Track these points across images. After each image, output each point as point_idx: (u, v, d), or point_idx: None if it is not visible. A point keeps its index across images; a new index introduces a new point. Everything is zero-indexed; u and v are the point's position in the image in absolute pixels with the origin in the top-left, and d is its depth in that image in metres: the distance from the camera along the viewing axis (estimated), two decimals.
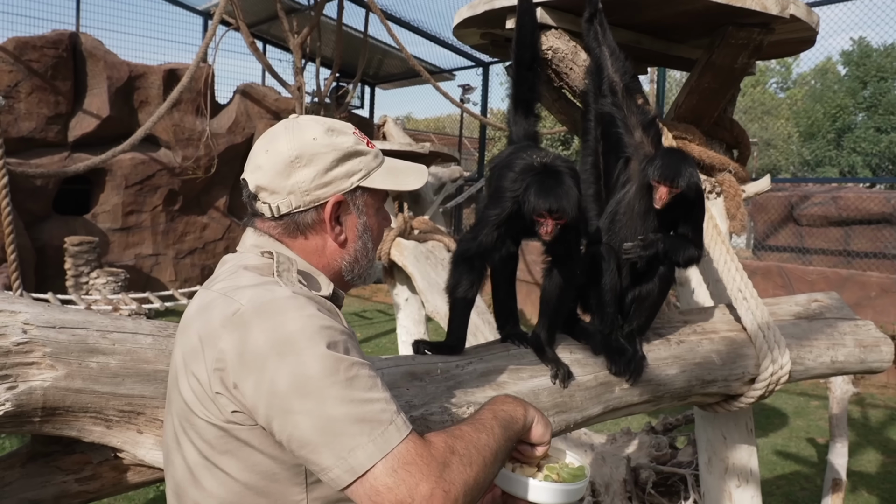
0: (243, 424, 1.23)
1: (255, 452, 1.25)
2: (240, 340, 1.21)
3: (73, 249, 12.49)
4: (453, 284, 2.07)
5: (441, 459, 1.19)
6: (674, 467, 4.65)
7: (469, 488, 1.20)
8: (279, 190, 1.42)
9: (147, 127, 9.83)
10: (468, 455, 1.23)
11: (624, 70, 2.26)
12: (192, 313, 1.34)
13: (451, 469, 1.19)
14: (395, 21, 15.15)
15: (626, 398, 2.19)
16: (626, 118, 2.23)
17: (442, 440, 1.23)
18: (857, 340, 2.63)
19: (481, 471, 1.24)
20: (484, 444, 1.28)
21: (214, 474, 1.27)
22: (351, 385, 1.18)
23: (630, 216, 2.20)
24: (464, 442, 1.25)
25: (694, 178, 2.06)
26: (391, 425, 1.18)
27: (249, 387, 1.19)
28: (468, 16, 2.59)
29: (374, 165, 1.50)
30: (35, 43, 12.56)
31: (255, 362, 1.19)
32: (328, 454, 1.15)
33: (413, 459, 1.16)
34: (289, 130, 1.45)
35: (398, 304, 5.43)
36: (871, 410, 8.15)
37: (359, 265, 1.52)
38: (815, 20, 2.57)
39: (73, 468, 1.74)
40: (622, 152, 2.24)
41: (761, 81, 34.89)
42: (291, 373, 1.17)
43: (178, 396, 1.31)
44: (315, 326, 1.22)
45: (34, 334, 1.54)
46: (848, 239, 11.97)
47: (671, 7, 2.38)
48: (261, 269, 1.37)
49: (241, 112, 15.29)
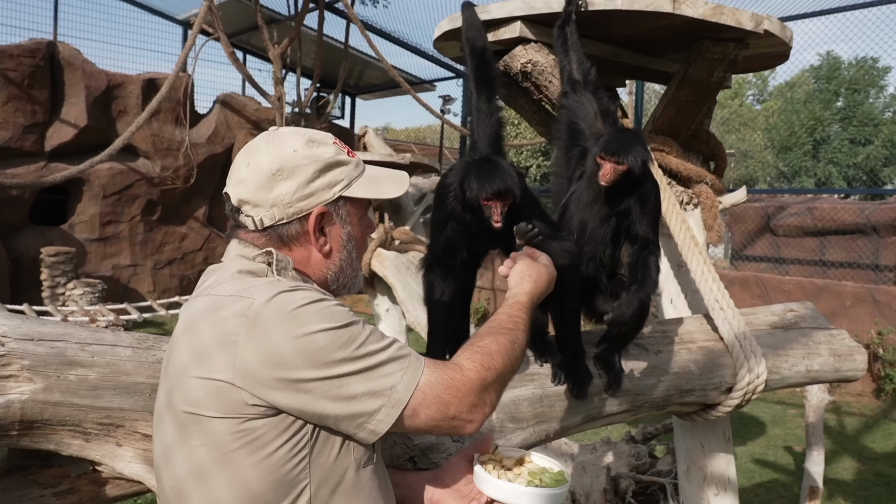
0: (258, 417, 1.27)
1: (264, 446, 1.28)
2: (257, 335, 1.25)
3: (50, 260, 12.33)
4: (425, 295, 2.07)
5: (475, 377, 1.41)
6: (653, 476, 4.68)
7: (499, 391, 1.48)
8: (262, 203, 1.43)
9: (126, 137, 9.78)
10: (494, 367, 1.45)
11: (587, 71, 2.23)
12: (198, 316, 1.35)
13: (486, 382, 1.42)
14: (376, 32, 15.19)
15: (606, 408, 2.21)
16: (585, 110, 2.17)
17: (471, 361, 1.44)
18: (832, 350, 2.67)
19: (507, 372, 1.49)
20: (507, 347, 1.49)
21: (223, 473, 1.29)
22: (367, 342, 1.32)
23: (578, 206, 2.08)
24: (489, 357, 1.46)
25: (643, 156, 1.90)
26: (411, 356, 1.38)
27: (274, 376, 1.25)
28: (448, 28, 2.61)
29: (355, 175, 1.52)
30: (11, 51, 12.44)
31: (276, 353, 1.25)
32: (373, 398, 1.30)
33: (445, 379, 1.38)
34: (269, 143, 1.46)
35: (379, 315, 5.42)
36: (846, 418, 8.25)
37: (344, 275, 1.54)
38: (789, 35, 2.62)
39: (51, 482, 1.71)
40: (581, 143, 2.14)
41: (740, 94, 35.34)
42: (316, 352, 1.26)
43: (180, 401, 1.31)
44: (320, 307, 1.30)
45: (12, 347, 1.52)
46: (823, 249, 12.12)
47: (648, 22, 2.41)
48: (258, 272, 1.40)
49: (221, 122, 15.22)
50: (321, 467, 1.34)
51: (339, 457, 1.36)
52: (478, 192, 1.81)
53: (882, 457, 6.93)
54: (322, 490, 1.33)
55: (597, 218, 2.03)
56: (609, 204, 2.00)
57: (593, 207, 2.03)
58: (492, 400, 1.44)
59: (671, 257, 2.83)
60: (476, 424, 1.41)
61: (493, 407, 1.45)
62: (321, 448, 1.34)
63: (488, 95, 2.14)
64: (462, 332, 2.16)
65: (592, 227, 2.04)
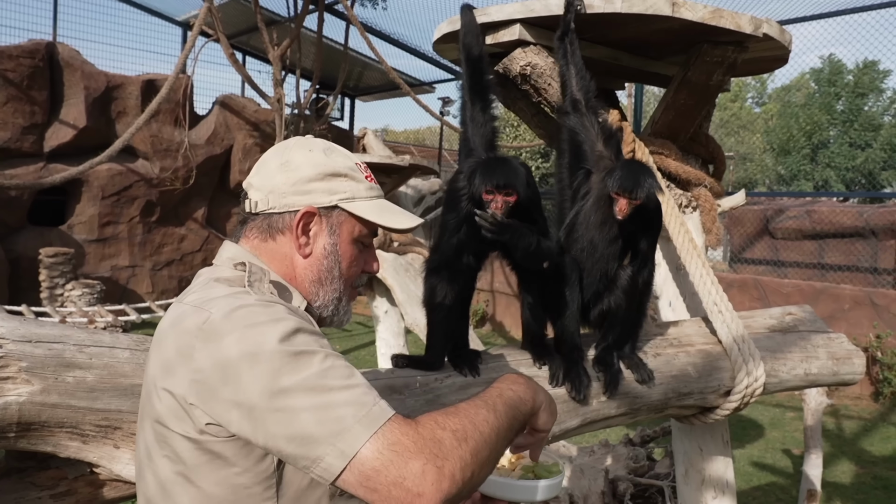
0: (217, 437, 1.22)
1: (227, 465, 1.24)
2: (211, 350, 1.20)
3: (49, 261, 12.32)
4: (427, 298, 2.06)
5: (430, 436, 1.15)
6: (651, 479, 4.68)
7: (466, 464, 1.15)
8: (262, 188, 1.47)
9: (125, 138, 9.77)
10: (462, 430, 1.18)
11: (587, 88, 2.31)
12: (166, 327, 1.33)
13: (444, 445, 1.14)
14: (375, 34, 15.20)
15: (604, 411, 2.20)
16: (587, 132, 2.27)
17: (431, 419, 1.19)
18: (830, 353, 2.67)
19: (480, 446, 1.19)
20: (483, 419, 1.23)
21: (186, 489, 1.26)
22: (327, 375, 1.18)
23: (587, 227, 2.20)
24: (458, 418, 1.21)
25: (653, 188, 2.06)
26: (374, 406, 1.16)
27: (225, 396, 1.18)
28: (448, 31, 2.62)
29: (363, 195, 1.50)
30: (11, 52, 12.44)
31: (228, 371, 1.18)
32: (315, 444, 1.13)
33: (399, 438, 1.13)
34: (297, 143, 1.52)
35: (377, 317, 5.43)
36: (844, 421, 8.25)
37: (323, 290, 1.48)
38: (788, 39, 2.62)
39: (48, 484, 1.71)
40: (583, 164, 2.27)
41: (739, 97, 35.38)
42: (267, 376, 1.16)
43: (152, 411, 1.29)
44: (283, 328, 1.21)
45: (10, 349, 1.52)
46: (822, 252, 12.13)
47: (647, 25, 2.41)
48: (232, 280, 1.37)
49: (220, 123, 15.22)
50: (291, 497, 1.30)
51: (312, 484, 1.32)
52: (479, 185, 1.85)
53: (880, 460, 6.94)
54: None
55: (606, 238, 2.19)
56: (619, 227, 2.16)
57: (602, 229, 2.18)
58: (452, 470, 1.13)
59: (670, 260, 2.84)
60: (426, 501, 1.11)
61: (456, 482, 1.14)
62: (292, 475, 1.30)
63: (483, 105, 2.16)
64: (461, 334, 2.16)
65: (602, 246, 2.20)
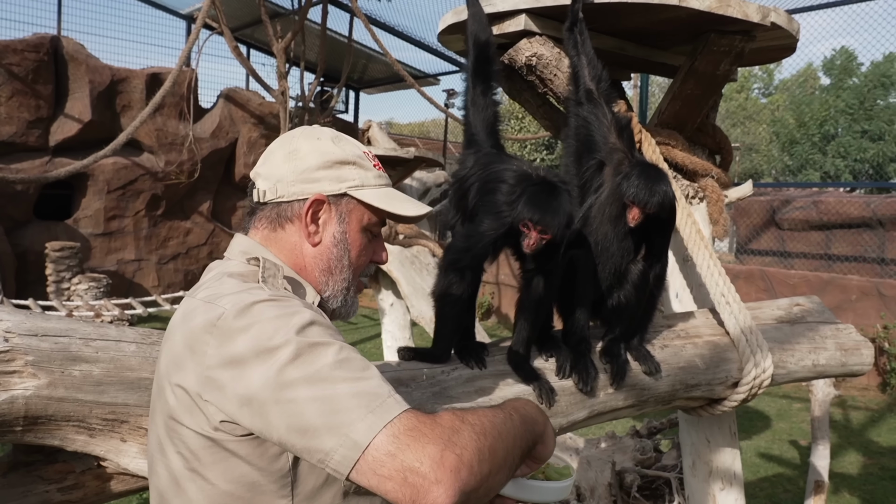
0: (231, 434, 1.21)
1: (241, 463, 1.24)
2: (225, 345, 1.19)
3: (55, 255, 12.37)
4: (441, 292, 2.02)
5: (449, 426, 1.11)
6: (658, 471, 4.68)
7: (484, 458, 1.11)
8: (269, 177, 1.47)
9: (129, 131, 9.78)
10: (481, 426, 1.15)
11: (600, 78, 2.29)
12: (177, 322, 1.33)
13: (462, 435, 1.10)
14: (380, 26, 15.16)
15: (611, 403, 2.20)
16: (600, 123, 2.25)
17: (449, 412, 1.16)
18: (838, 344, 2.66)
19: (497, 445, 1.15)
20: (501, 421, 1.20)
21: (199, 485, 1.26)
22: (342, 366, 1.15)
23: (601, 220, 2.18)
24: (476, 416, 1.18)
25: (668, 197, 2.05)
26: (389, 398, 1.13)
27: (239, 392, 1.17)
28: (453, 22, 2.60)
29: (372, 183, 1.50)
30: (16, 46, 12.46)
31: (243, 366, 1.17)
32: (329, 436, 1.09)
33: (416, 425, 1.09)
34: (303, 133, 1.52)
35: (383, 309, 5.43)
36: (852, 412, 8.24)
37: (333, 280, 1.48)
38: (796, 28, 2.60)
39: (56, 477, 1.71)
40: (596, 156, 2.25)
41: (746, 87, 35.18)
42: (279, 369, 1.14)
43: (165, 406, 1.29)
44: (299, 321, 1.20)
45: (16, 343, 1.52)
46: (829, 243, 12.09)
47: (653, 14, 2.40)
48: (245, 275, 1.36)
49: (225, 116, 15.23)
50: (306, 495, 1.29)
51: (327, 482, 1.31)
52: (522, 214, 1.82)
53: (887, 451, 6.92)
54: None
55: (620, 233, 2.17)
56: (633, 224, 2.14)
57: (617, 224, 2.16)
58: (471, 460, 1.09)
59: (677, 251, 2.82)
60: (444, 489, 1.05)
61: (474, 473, 1.09)
62: (307, 473, 1.29)
63: (484, 88, 2.13)
64: (467, 327, 2.16)
65: (616, 241, 2.18)
